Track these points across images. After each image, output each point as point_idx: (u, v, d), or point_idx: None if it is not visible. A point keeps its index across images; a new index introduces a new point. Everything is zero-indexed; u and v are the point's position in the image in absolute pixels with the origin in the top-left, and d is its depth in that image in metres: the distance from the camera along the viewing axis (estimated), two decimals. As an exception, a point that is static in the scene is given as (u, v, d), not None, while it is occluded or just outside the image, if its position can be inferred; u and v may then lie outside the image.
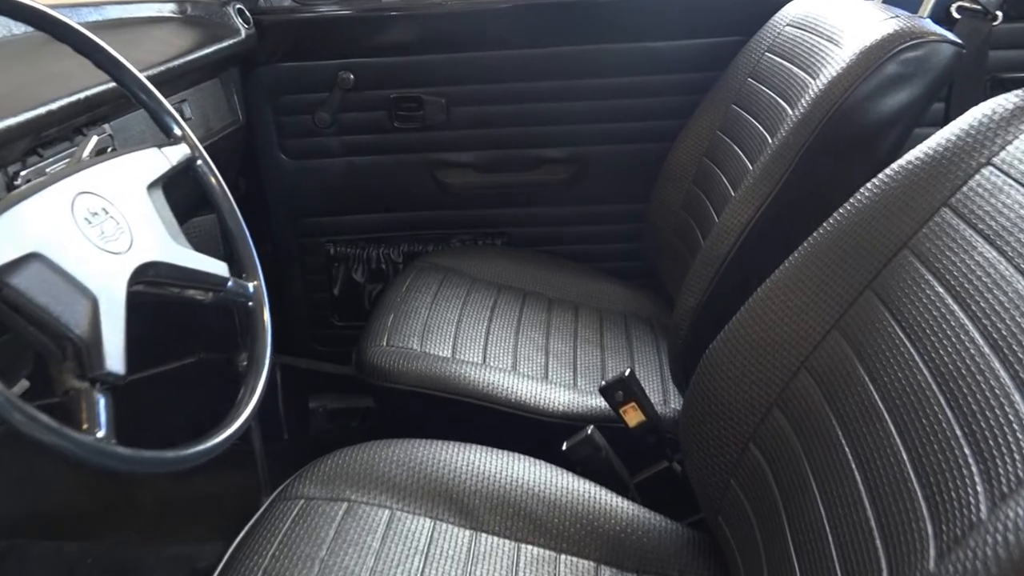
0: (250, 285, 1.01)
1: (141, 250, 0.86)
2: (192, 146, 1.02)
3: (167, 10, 1.60)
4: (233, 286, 0.98)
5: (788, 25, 1.47)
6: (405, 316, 1.52)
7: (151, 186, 0.93)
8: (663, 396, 1.42)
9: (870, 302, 0.86)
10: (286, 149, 1.83)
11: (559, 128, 1.79)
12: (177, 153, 1.00)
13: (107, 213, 0.85)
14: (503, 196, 1.85)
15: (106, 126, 1.29)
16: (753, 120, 1.43)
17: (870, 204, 0.89)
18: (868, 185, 0.91)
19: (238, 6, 1.66)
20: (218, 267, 0.96)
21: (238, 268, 1.04)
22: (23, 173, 1.09)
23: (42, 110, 1.04)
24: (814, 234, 0.95)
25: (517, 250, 1.85)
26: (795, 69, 1.35)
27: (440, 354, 1.42)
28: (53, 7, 1.40)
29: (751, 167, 1.36)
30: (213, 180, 1.04)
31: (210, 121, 1.60)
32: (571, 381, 1.42)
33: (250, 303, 1.01)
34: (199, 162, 1.04)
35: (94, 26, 1.43)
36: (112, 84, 1.20)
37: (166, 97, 1.47)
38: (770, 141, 1.31)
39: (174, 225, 0.94)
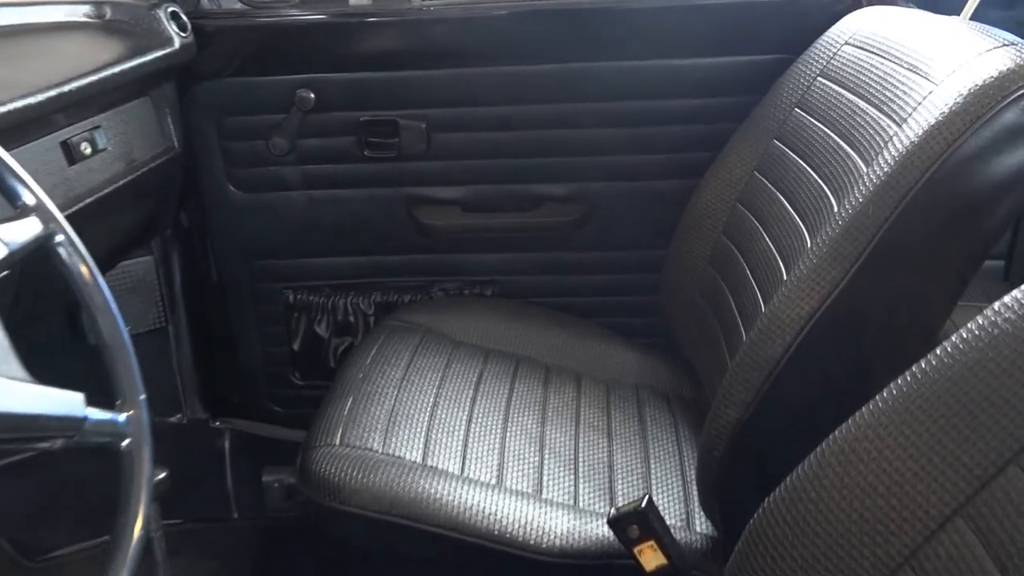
0: (122, 417, 0.72)
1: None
2: (46, 219, 0.73)
3: (80, 14, 1.30)
4: (94, 424, 0.69)
5: (847, 44, 1.18)
6: (368, 400, 1.22)
7: (-36, 288, 0.64)
8: (685, 513, 1.13)
9: (1017, 482, 0.57)
10: (236, 180, 1.53)
11: (562, 160, 1.49)
12: (20, 232, 0.71)
13: None
14: (493, 239, 1.55)
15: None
16: (802, 163, 1.14)
17: (1015, 332, 0.60)
18: (1009, 301, 0.62)
19: (171, 9, 1.36)
20: (66, 402, 0.67)
21: (114, 392, 0.74)
22: None
23: None
24: (921, 364, 0.65)
25: (509, 303, 1.56)
26: (861, 104, 1.05)
27: (408, 458, 1.12)
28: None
29: (800, 224, 1.07)
30: (81, 267, 0.74)
31: (134, 151, 1.31)
32: (571, 494, 1.13)
33: (123, 443, 0.71)
34: (59, 239, 0.74)
35: (-20, 34, 1.14)
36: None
37: (71, 123, 1.19)
38: (830, 196, 1.01)
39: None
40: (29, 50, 1.16)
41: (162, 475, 1.02)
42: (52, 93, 1.06)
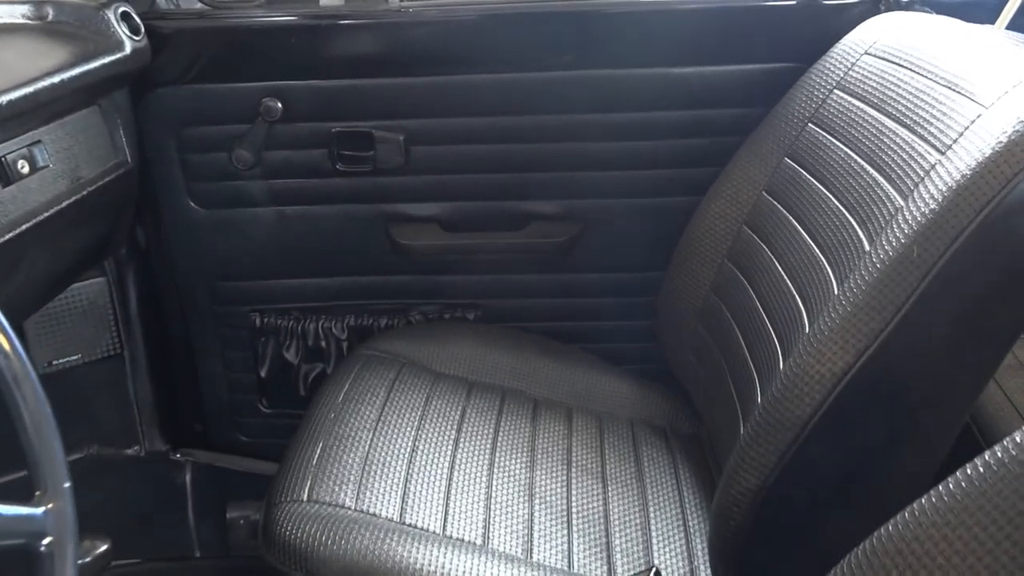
0: (40, 510, 0.60)
1: None
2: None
3: (16, 15, 1.17)
4: (4, 523, 0.57)
5: (867, 55, 1.07)
6: (339, 445, 1.11)
7: None
8: (689, 571, 1.02)
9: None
10: (196, 195, 1.41)
11: (552, 176, 1.38)
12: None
13: None
14: (476, 260, 1.44)
15: None
16: (820, 186, 1.03)
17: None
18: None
19: (122, 9, 1.23)
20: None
21: (32, 480, 0.62)
22: None
23: None
24: (996, 452, 0.55)
25: (493, 329, 1.44)
26: (889, 123, 0.95)
27: (383, 515, 1.01)
28: None
29: (822, 258, 0.96)
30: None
31: (80, 167, 1.18)
32: (564, 554, 1.02)
33: (42, 545, 0.59)
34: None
35: None
36: None
37: (8, 139, 1.06)
38: (857, 230, 0.91)
39: None
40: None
41: (103, 548, 0.89)
42: None
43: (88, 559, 0.88)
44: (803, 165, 1.09)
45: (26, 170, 1.07)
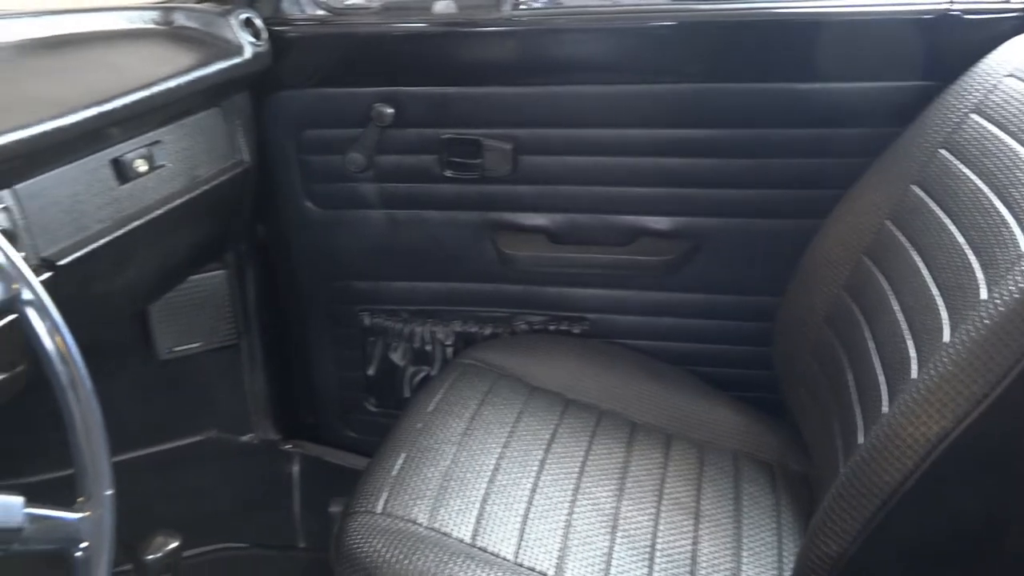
0: (77, 518, 0.61)
1: None
2: (11, 279, 0.63)
3: (146, 20, 1.22)
4: (37, 532, 0.58)
5: (1011, 76, 0.96)
6: (421, 458, 1.10)
7: None
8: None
9: None
10: (313, 195, 1.44)
11: (665, 191, 1.32)
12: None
13: None
14: (583, 274, 1.40)
15: (5, 194, 0.92)
16: (945, 219, 0.93)
17: None
18: None
19: (244, 15, 1.26)
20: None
21: (77, 486, 0.64)
22: None
23: None
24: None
25: (597, 345, 1.40)
26: (1027, 152, 0.84)
27: (455, 536, 0.99)
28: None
29: (938, 299, 0.87)
30: (47, 340, 0.64)
31: (198, 166, 1.23)
32: (641, 594, 0.97)
33: (77, 552, 0.61)
34: (26, 297, 0.64)
35: (32, 44, 1.07)
36: (12, 137, 0.83)
37: (128, 138, 1.12)
38: (976, 272, 0.81)
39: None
40: (84, 61, 1.09)
41: (174, 544, 0.92)
42: (95, 111, 0.97)
43: (159, 554, 0.91)
44: (931, 194, 0.99)
45: (144, 169, 1.12)
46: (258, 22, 1.29)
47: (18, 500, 0.57)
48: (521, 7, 1.29)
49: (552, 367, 1.33)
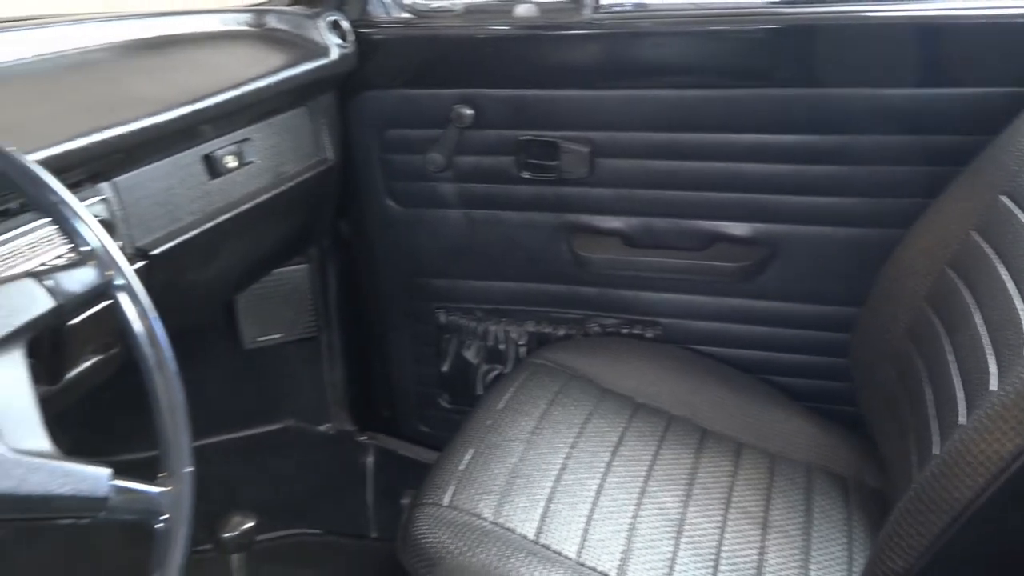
0: (158, 492, 0.64)
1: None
2: (106, 266, 0.67)
3: (239, 22, 1.27)
4: (122, 503, 0.62)
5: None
6: (489, 454, 1.11)
7: (-6, 348, 0.58)
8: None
9: None
10: (394, 194, 1.47)
11: (744, 197, 1.31)
12: (75, 280, 0.65)
13: None
14: (658, 278, 1.39)
15: (105, 186, 0.98)
16: (1037, 231, 0.90)
17: None
18: None
19: (332, 18, 1.30)
20: (86, 480, 0.60)
21: (160, 461, 0.67)
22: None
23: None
24: None
25: (669, 350, 1.39)
26: None
27: (518, 532, 1.00)
28: (79, 19, 1.11)
29: (1019, 308, 0.84)
30: (137, 323, 0.68)
31: (284, 163, 1.27)
32: (703, 601, 0.96)
33: (158, 521, 0.64)
34: (119, 282, 0.67)
35: (133, 45, 1.13)
36: (94, 138, 0.88)
37: (219, 135, 1.16)
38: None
39: (22, 412, 0.59)
40: (180, 61, 1.14)
41: (248, 524, 0.95)
42: (190, 109, 1.02)
43: (235, 533, 0.95)
44: (1021, 205, 0.95)
45: (233, 165, 1.17)
46: (345, 24, 1.32)
47: (105, 472, 0.61)
48: (601, 11, 1.29)
49: (623, 370, 1.33)
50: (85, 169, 0.92)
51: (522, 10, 1.33)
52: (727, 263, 1.33)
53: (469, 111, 1.34)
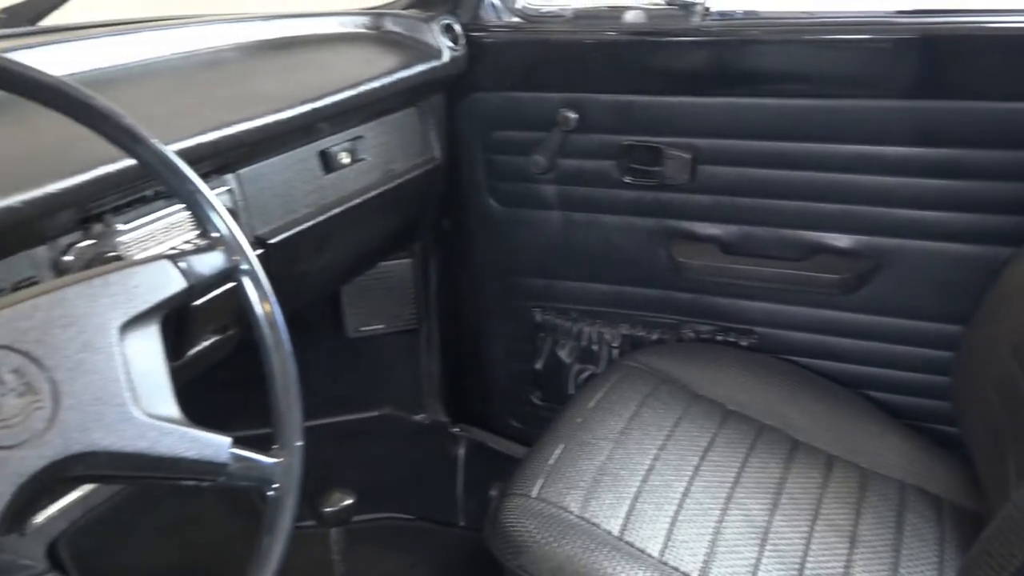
0: (271, 462, 0.69)
1: (63, 436, 0.57)
2: (233, 251, 0.72)
3: (357, 25, 1.33)
4: (239, 470, 0.67)
5: None
6: (578, 451, 1.14)
7: (132, 322, 0.64)
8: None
9: None
10: (496, 193, 1.51)
11: (847, 209, 1.29)
12: (205, 263, 0.70)
13: (19, 378, 0.57)
14: (755, 286, 1.39)
15: (230, 177, 1.05)
16: None
17: None
18: None
19: (445, 22, 1.35)
20: (209, 446, 0.65)
21: (273, 435, 0.72)
22: (81, 246, 0.86)
23: (92, 174, 0.80)
24: None
25: (763, 360, 1.39)
26: None
27: (603, 527, 1.03)
28: (211, 20, 1.18)
29: None
30: (258, 306, 0.73)
31: (393, 160, 1.33)
32: (784, 609, 0.97)
33: (270, 489, 0.69)
34: (244, 267, 0.73)
35: (259, 45, 1.20)
36: (222, 133, 0.95)
37: (335, 132, 1.23)
38: None
39: (155, 381, 0.65)
40: (302, 62, 1.20)
41: (348, 501, 1.01)
42: (308, 107, 1.08)
43: (336, 508, 1.01)
44: None
45: (347, 161, 1.23)
46: (457, 28, 1.37)
47: (226, 440, 0.66)
48: (710, 18, 1.30)
49: (715, 377, 1.33)
50: (214, 161, 0.98)
51: (631, 16, 1.35)
52: (827, 274, 1.32)
53: (574, 115, 1.37)
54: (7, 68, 0.61)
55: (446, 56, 1.33)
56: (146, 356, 0.65)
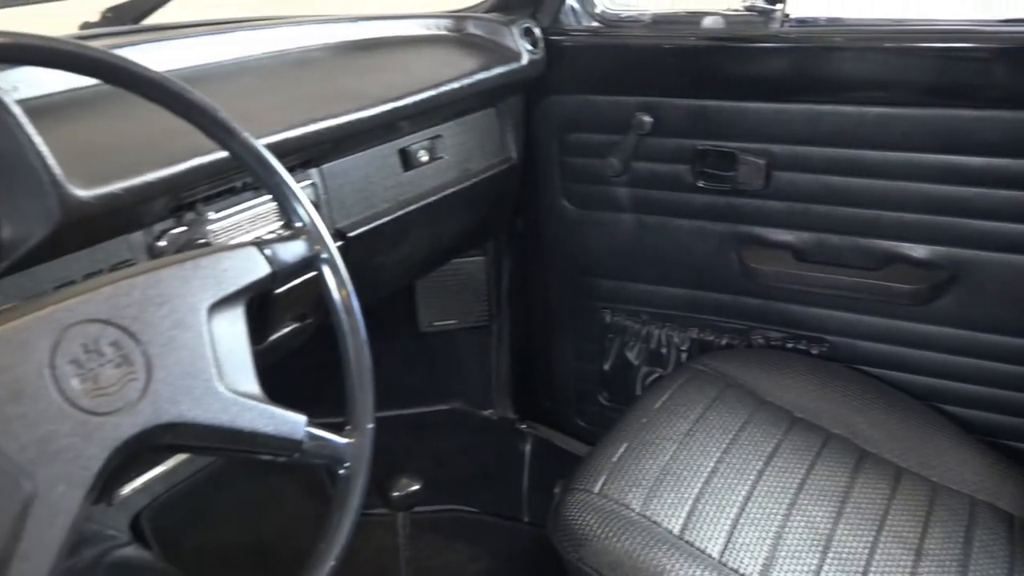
0: (344, 442, 0.73)
1: (154, 406, 0.62)
2: (315, 241, 0.76)
3: (440, 27, 1.36)
4: (313, 448, 0.71)
5: None
6: (642, 450, 1.15)
7: (220, 304, 0.68)
8: None
9: None
10: (570, 195, 1.53)
11: (925, 219, 1.27)
12: (289, 251, 0.74)
13: (117, 350, 0.61)
14: (827, 294, 1.38)
15: (313, 172, 1.09)
16: None
17: None
18: None
19: (525, 25, 1.38)
20: (287, 423, 0.69)
21: (347, 415, 0.76)
22: (174, 232, 0.91)
23: (187, 164, 0.85)
24: None
25: (833, 368, 1.38)
26: None
27: (664, 526, 1.04)
28: (301, 22, 1.23)
29: None
30: (336, 294, 0.77)
31: (470, 159, 1.36)
32: (844, 617, 0.97)
33: (342, 469, 0.73)
34: (324, 256, 0.77)
35: (345, 46, 1.24)
36: (308, 128, 0.99)
37: (415, 131, 1.26)
38: None
39: (239, 359, 0.69)
40: (386, 62, 1.24)
41: (415, 487, 1.04)
42: (390, 106, 1.12)
43: (403, 493, 1.04)
44: None
45: (425, 159, 1.27)
46: (537, 31, 1.40)
47: (302, 418, 0.70)
48: (789, 24, 1.30)
49: (783, 383, 1.33)
50: (299, 156, 1.03)
51: (709, 22, 1.35)
52: (903, 284, 1.31)
53: (649, 118, 1.38)
54: (114, 64, 0.66)
55: (525, 59, 1.36)
56: (231, 336, 0.69)
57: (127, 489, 1.42)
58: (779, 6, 1.31)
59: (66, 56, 0.64)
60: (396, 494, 1.05)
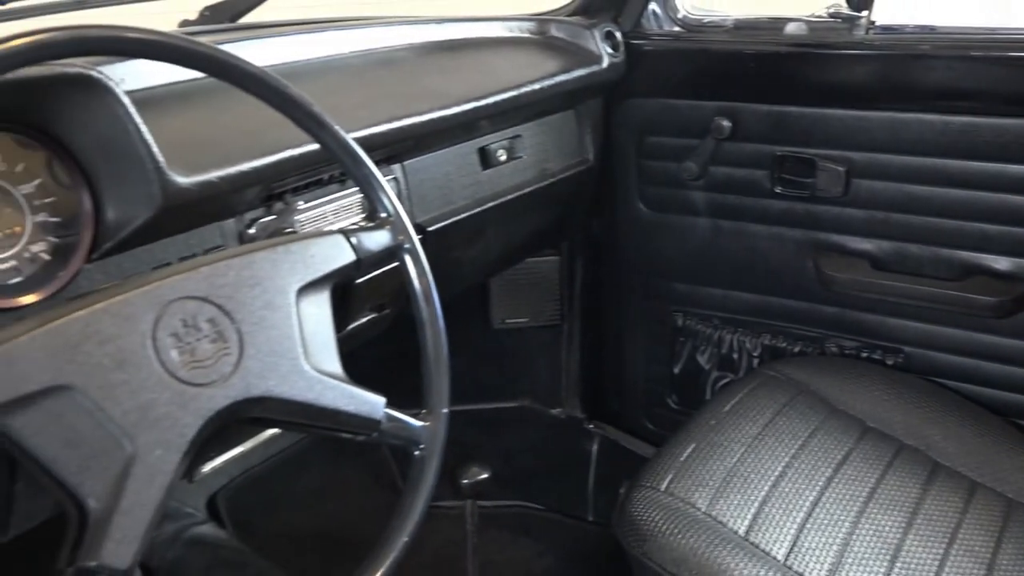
0: (419, 425, 0.76)
1: (244, 380, 0.66)
2: (399, 232, 0.79)
3: (523, 30, 1.39)
4: (391, 428, 0.74)
5: None
6: (710, 451, 1.16)
7: (308, 287, 0.72)
8: None
9: None
10: (645, 197, 1.54)
11: (1009, 230, 1.25)
12: (374, 240, 0.78)
13: (213, 326, 0.65)
14: (904, 304, 1.36)
15: (396, 167, 1.13)
16: None
17: None
18: None
19: (607, 29, 1.40)
20: (367, 404, 0.73)
21: (423, 400, 0.79)
22: (263, 221, 0.96)
23: (279, 156, 0.89)
24: None
25: (909, 379, 1.36)
26: None
27: (729, 526, 1.04)
28: (387, 22, 1.27)
29: None
30: (417, 282, 0.80)
31: (548, 160, 1.38)
32: (910, 628, 0.96)
33: (416, 451, 0.76)
34: (407, 246, 0.80)
35: (430, 46, 1.28)
36: (393, 125, 1.03)
37: (495, 130, 1.29)
38: None
39: (324, 341, 0.73)
40: (469, 63, 1.28)
41: (484, 476, 1.07)
42: (472, 106, 1.15)
43: (473, 480, 1.07)
44: None
45: (503, 158, 1.29)
46: (618, 35, 1.42)
47: (381, 400, 0.73)
48: (874, 31, 1.29)
49: (856, 392, 1.31)
50: (383, 151, 1.07)
51: (792, 28, 1.35)
52: (984, 296, 1.28)
53: (727, 123, 1.38)
54: (224, 60, 0.70)
55: (605, 62, 1.38)
56: (317, 318, 0.72)
57: (207, 467, 1.48)
58: (864, 13, 1.30)
59: (181, 52, 0.68)
60: (465, 481, 1.08)
